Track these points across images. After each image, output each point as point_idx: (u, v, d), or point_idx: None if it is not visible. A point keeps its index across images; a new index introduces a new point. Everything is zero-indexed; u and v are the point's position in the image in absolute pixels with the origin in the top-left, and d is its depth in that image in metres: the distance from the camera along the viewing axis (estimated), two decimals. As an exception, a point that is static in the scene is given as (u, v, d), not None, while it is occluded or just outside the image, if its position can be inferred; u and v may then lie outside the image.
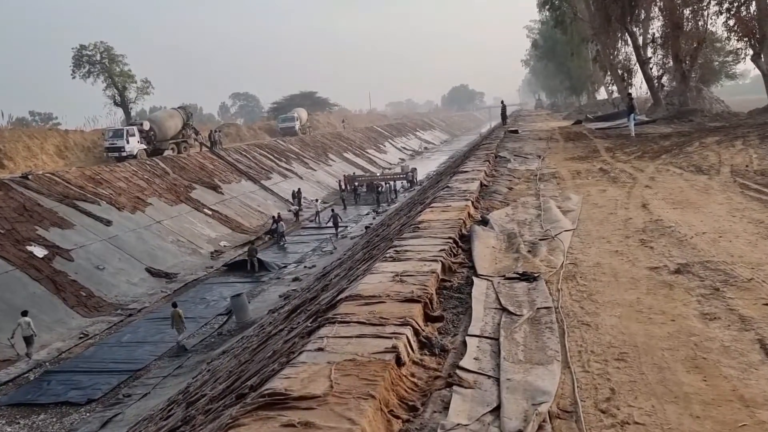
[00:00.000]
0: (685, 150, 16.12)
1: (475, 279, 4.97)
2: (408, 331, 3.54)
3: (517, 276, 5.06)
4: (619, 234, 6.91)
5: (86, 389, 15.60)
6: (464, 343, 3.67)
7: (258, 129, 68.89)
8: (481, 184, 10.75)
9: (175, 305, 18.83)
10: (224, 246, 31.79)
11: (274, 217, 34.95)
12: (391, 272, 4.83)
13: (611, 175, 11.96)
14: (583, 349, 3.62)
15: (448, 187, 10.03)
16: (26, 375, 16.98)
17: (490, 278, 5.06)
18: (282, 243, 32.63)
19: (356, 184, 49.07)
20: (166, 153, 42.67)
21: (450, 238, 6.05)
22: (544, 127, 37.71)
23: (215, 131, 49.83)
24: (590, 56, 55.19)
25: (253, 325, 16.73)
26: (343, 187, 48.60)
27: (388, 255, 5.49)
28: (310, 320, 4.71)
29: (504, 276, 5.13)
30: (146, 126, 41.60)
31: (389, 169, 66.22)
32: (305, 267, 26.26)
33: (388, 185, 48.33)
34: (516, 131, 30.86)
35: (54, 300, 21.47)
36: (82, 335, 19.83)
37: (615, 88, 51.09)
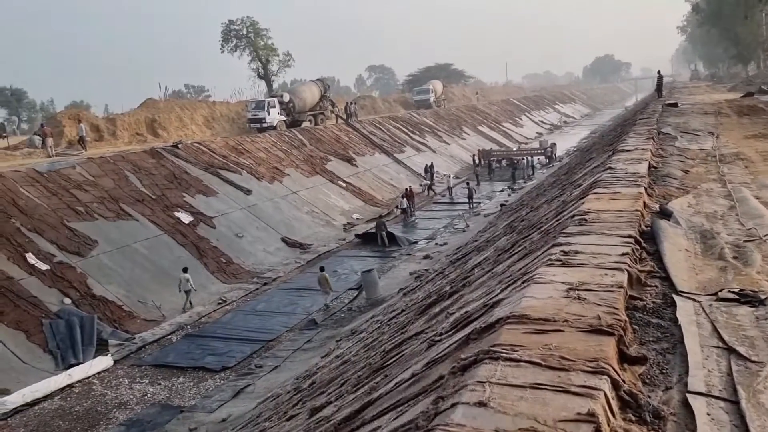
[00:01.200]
0: None
1: (676, 299, 3.77)
2: (605, 385, 2.50)
3: (735, 296, 3.79)
4: None
5: (221, 356, 16.00)
6: (685, 405, 2.57)
7: (393, 101, 68.81)
8: (650, 166, 9.19)
9: (322, 269, 19.99)
10: (356, 218, 31.84)
11: (405, 190, 34.45)
12: (563, 283, 3.77)
13: (817, 159, 9.83)
14: None
15: (610, 168, 8.61)
16: (170, 336, 17.80)
17: (695, 297, 3.84)
18: (412, 219, 32.09)
19: (491, 158, 47.40)
20: (303, 124, 43.57)
21: (629, 236, 4.83)
22: (707, 99, 33.67)
23: (351, 103, 50.19)
24: (767, 20, 48.75)
25: (384, 304, 16.25)
26: (477, 161, 47.10)
27: (553, 256, 4.41)
28: (457, 335, 3.79)
29: (715, 295, 3.87)
30: (286, 98, 42.63)
31: (526, 143, 63.54)
32: (436, 244, 25.46)
33: (524, 161, 46.16)
34: (675, 104, 27.73)
35: (197, 265, 22.46)
36: (220, 301, 20.56)
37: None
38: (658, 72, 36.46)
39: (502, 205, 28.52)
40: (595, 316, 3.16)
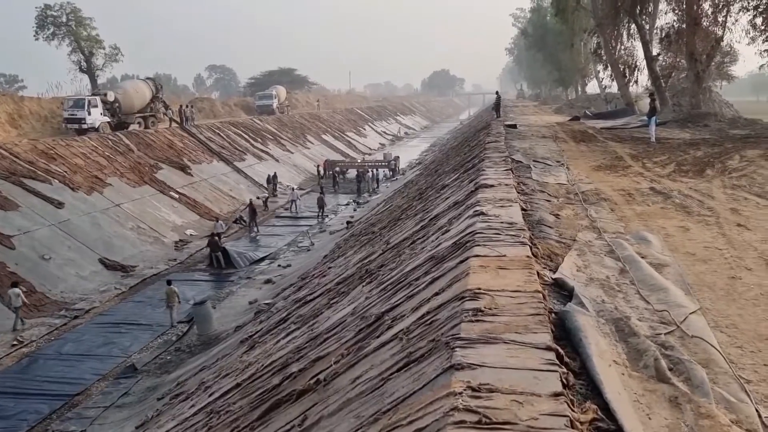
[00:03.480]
0: (728, 165, 13.87)
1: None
2: None
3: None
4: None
5: (9, 419, 12.87)
6: None
7: (233, 105, 65.48)
8: (521, 208, 8.29)
9: (169, 282, 18.50)
10: (191, 234, 29.00)
11: (250, 201, 32.19)
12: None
13: (676, 202, 9.58)
14: None
15: (482, 214, 7.54)
16: (-60, 395, 14.15)
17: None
18: (253, 234, 29.93)
19: (336, 169, 46.41)
20: (131, 127, 39.49)
21: (547, 347, 3.58)
22: (539, 121, 35.42)
23: (187, 106, 46.52)
24: (585, 49, 53.09)
25: (216, 349, 14.14)
26: (322, 172, 45.89)
27: (459, 402, 2.98)
28: None
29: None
30: (110, 97, 38.25)
31: (370, 154, 63.62)
32: (279, 266, 23.63)
33: (370, 173, 45.81)
34: (514, 126, 28.55)
35: (-14, 296, 18.55)
36: (15, 342, 17.03)
37: (608, 83, 49.11)
38: (497, 93, 37.76)
39: (348, 222, 27.38)
40: None
